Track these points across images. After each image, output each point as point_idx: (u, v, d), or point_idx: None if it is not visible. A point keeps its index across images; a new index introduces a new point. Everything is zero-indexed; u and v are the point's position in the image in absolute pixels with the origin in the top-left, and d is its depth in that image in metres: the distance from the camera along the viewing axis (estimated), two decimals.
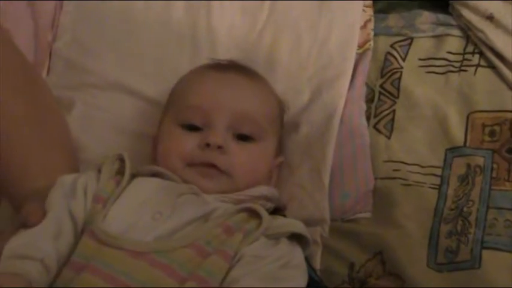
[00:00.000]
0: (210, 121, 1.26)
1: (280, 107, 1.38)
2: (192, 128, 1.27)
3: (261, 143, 1.29)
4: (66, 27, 1.52)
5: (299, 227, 1.19)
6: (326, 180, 1.36)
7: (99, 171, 1.22)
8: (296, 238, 1.18)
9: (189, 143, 1.25)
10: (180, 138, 1.27)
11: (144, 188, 1.21)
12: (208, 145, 1.24)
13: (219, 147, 1.24)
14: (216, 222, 1.15)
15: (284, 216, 1.29)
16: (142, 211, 1.16)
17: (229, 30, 1.54)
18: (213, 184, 1.23)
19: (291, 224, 1.20)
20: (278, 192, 1.31)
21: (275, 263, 1.11)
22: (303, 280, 1.14)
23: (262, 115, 1.30)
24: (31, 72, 1.37)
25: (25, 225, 1.13)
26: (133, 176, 1.23)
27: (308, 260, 1.21)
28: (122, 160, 1.23)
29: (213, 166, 1.24)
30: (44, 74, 1.48)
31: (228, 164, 1.24)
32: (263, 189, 1.27)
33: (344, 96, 1.45)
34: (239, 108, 1.28)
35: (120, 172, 1.22)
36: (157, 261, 1.09)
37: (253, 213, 1.17)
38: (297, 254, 1.17)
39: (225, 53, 1.48)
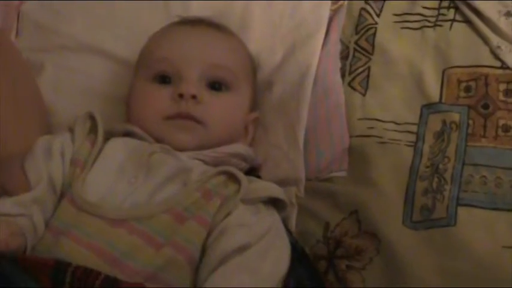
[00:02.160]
0: (180, 72, 1.26)
1: (252, 59, 1.38)
2: (164, 81, 1.27)
3: (235, 92, 1.29)
4: None
5: (276, 191, 1.20)
6: (301, 139, 1.35)
7: (72, 131, 1.22)
8: (272, 201, 1.18)
9: (162, 96, 1.25)
10: (152, 92, 1.26)
11: (118, 150, 1.21)
12: (181, 96, 1.23)
13: (193, 96, 1.23)
14: (195, 186, 1.15)
15: (259, 176, 1.29)
16: (118, 176, 1.17)
17: None
18: (190, 137, 1.23)
19: (268, 188, 1.20)
20: (254, 153, 1.31)
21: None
22: (288, 247, 1.15)
23: (233, 64, 1.30)
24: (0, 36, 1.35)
25: (4, 189, 1.13)
26: (107, 136, 1.23)
27: (284, 222, 1.21)
28: (92, 118, 1.23)
29: (188, 117, 1.23)
30: (12, 36, 1.47)
31: (204, 113, 1.24)
32: (238, 147, 1.27)
33: (318, 54, 1.44)
34: (210, 57, 1.28)
35: (93, 131, 1.22)
36: (136, 228, 1.10)
37: (231, 176, 1.17)
38: (277, 220, 1.18)
39: (198, 13, 1.46)
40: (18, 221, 1.09)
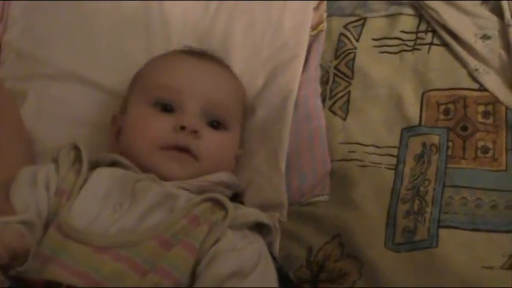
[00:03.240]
0: (184, 103, 1.26)
1: (246, 99, 1.39)
2: (164, 109, 1.27)
3: (230, 131, 1.31)
4: (16, 19, 1.50)
5: (262, 217, 1.20)
6: (283, 164, 1.36)
7: (56, 161, 1.22)
8: (257, 226, 1.20)
9: (162, 124, 1.25)
10: (152, 118, 1.26)
11: (104, 179, 1.21)
12: (183, 128, 1.23)
13: (195, 131, 1.23)
14: (182, 213, 1.15)
15: (242, 202, 1.30)
16: (103, 204, 1.17)
17: (182, 15, 1.53)
18: (181, 169, 1.23)
19: (254, 213, 1.21)
20: (237, 179, 1.32)
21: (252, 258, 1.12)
22: (274, 273, 1.16)
23: (233, 103, 1.32)
24: None
25: None
26: (93, 165, 1.23)
27: (268, 247, 1.21)
28: (76, 148, 1.23)
29: (185, 151, 1.23)
30: None
31: (201, 150, 1.24)
32: (223, 176, 1.27)
33: (298, 78, 1.45)
34: (213, 95, 1.29)
35: (78, 160, 1.22)
36: (121, 255, 1.11)
37: (217, 203, 1.17)
38: (264, 245, 1.19)
39: (179, 38, 1.48)
40: (17, 227, 1.09)
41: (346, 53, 1.52)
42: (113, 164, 1.25)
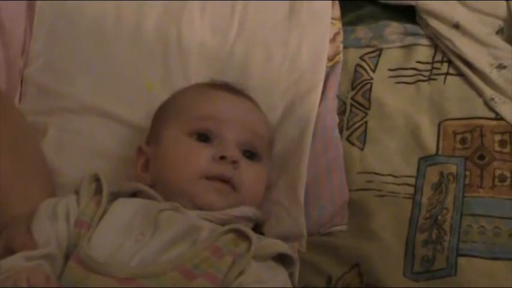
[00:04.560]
0: (223, 134, 1.27)
1: (271, 132, 1.40)
2: (202, 139, 1.28)
3: (262, 163, 1.32)
4: (37, 53, 1.51)
5: (285, 248, 1.20)
6: (301, 195, 1.37)
7: (77, 193, 1.23)
8: (279, 258, 1.20)
9: (203, 153, 1.26)
10: (192, 148, 1.27)
11: (125, 209, 1.22)
12: (223, 158, 1.24)
13: (234, 161, 1.24)
14: (204, 244, 1.15)
15: (262, 233, 1.30)
16: (125, 234, 1.17)
17: (200, 48, 1.55)
18: (222, 200, 1.24)
19: (277, 244, 1.21)
20: (258, 212, 1.32)
21: None
22: None
23: (264, 135, 1.33)
24: (4, 100, 1.38)
25: (9, 248, 1.14)
26: (114, 196, 1.24)
27: (290, 278, 1.22)
28: (98, 180, 1.24)
29: (227, 182, 1.24)
30: (16, 101, 1.48)
31: (241, 181, 1.25)
32: (246, 210, 1.27)
33: (316, 110, 1.46)
34: (249, 126, 1.30)
35: (99, 192, 1.23)
36: (144, 286, 1.11)
37: (240, 234, 1.18)
38: (287, 277, 1.20)
39: (196, 71, 1.50)
40: (42, 266, 1.10)
41: (362, 83, 1.54)
42: (135, 194, 1.26)
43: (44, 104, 1.48)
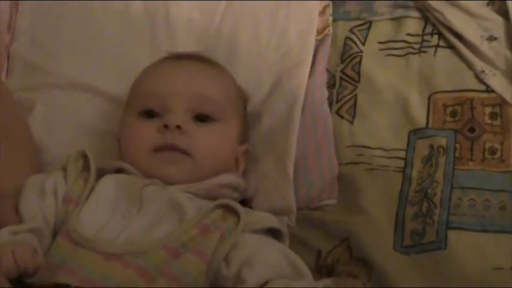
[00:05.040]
0: (167, 106, 1.27)
1: (241, 92, 1.39)
2: (151, 115, 1.28)
3: (221, 123, 1.30)
4: (23, 29, 1.52)
5: (274, 222, 1.21)
6: (290, 170, 1.36)
7: (65, 170, 1.24)
8: (269, 232, 1.20)
9: (148, 129, 1.26)
10: (139, 126, 1.28)
11: (111, 186, 1.22)
12: (166, 126, 1.24)
13: (178, 127, 1.24)
14: (192, 222, 1.15)
15: (250, 207, 1.30)
16: (112, 211, 1.18)
17: (187, 24, 1.54)
18: (178, 170, 1.24)
19: (266, 218, 1.21)
20: (244, 183, 1.32)
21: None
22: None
23: (219, 96, 1.32)
24: None
25: None
26: (100, 173, 1.24)
27: None
28: (85, 156, 1.24)
29: (174, 148, 1.24)
30: (3, 76, 1.48)
31: (189, 144, 1.25)
32: (228, 177, 1.28)
33: (304, 84, 1.45)
34: (196, 91, 1.29)
35: (86, 169, 1.24)
36: (130, 262, 1.11)
37: (228, 209, 1.18)
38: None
39: (184, 48, 1.48)
40: (28, 239, 1.11)
41: (352, 56, 1.52)
42: (118, 171, 1.26)
43: (30, 80, 1.48)
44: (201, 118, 1.29)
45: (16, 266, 1.03)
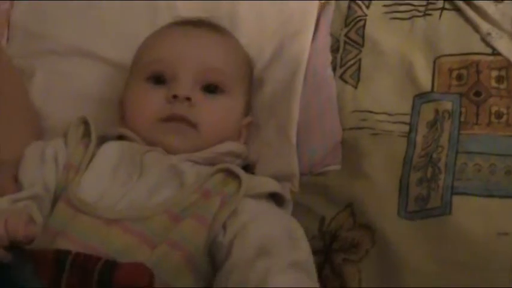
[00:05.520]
0: (176, 73, 1.25)
1: (250, 65, 1.38)
2: (158, 82, 1.26)
3: (229, 95, 1.29)
4: None
5: (276, 187, 1.20)
6: (293, 137, 1.35)
7: (65, 136, 1.24)
8: (271, 197, 1.19)
9: (156, 96, 1.25)
10: (146, 92, 1.26)
11: (112, 152, 1.22)
12: (175, 97, 1.23)
13: (187, 98, 1.23)
14: (193, 187, 1.15)
15: (253, 174, 1.29)
16: (113, 177, 1.18)
17: None
18: (182, 141, 1.23)
19: (268, 183, 1.21)
20: (247, 149, 1.31)
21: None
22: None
23: (230, 68, 1.30)
24: None
25: None
26: (101, 140, 1.24)
27: None
28: (86, 123, 1.24)
29: (182, 120, 1.23)
30: (3, 43, 1.47)
31: (197, 116, 1.24)
32: (230, 145, 1.27)
33: (307, 50, 1.43)
34: (206, 61, 1.28)
35: (86, 135, 1.23)
36: (131, 228, 1.11)
37: (230, 174, 1.17)
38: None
39: (185, 13, 1.46)
40: (24, 208, 1.11)
41: (356, 20, 1.50)
42: (120, 138, 1.25)
43: (30, 47, 1.47)
44: (210, 89, 1.27)
45: (7, 235, 1.02)
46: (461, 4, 1.48)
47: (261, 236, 1.09)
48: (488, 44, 1.44)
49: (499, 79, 1.39)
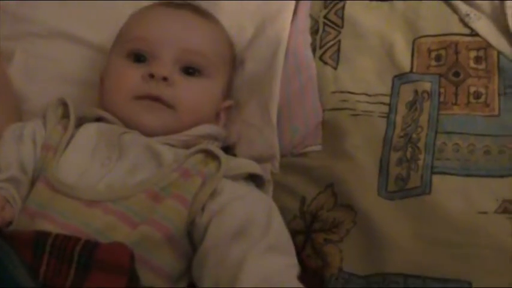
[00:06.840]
0: (156, 53, 1.25)
1: (232, 49, 1.38)
2: (138, 60, 1.26)
3: (209, 79, 1.29)
4: None
5: (255, 168, 1.20)
6: (274, 116, 1.35)
7: (44, 117, 1.23)
8: (251, 178, 1.19)
9: (133, 74, 1.24)
10: (124, 69, 1.26)
11: (91, 134, 1.22)
12: (152, 76, 1.22)
13: (164, 78, 1.23)
14: (172, 167, 1.15)
15: (234, 155, 1.30)
16: (92, 158, 1.18)
17: None
18: (157, 119, 1.23)
19: (247, 164, 1.21)
20: (225, 132, 1.31)
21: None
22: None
23: (211, 51, 1.30)
24: None
25: None
26: (79, 121, 1.24)
27: None
28: (64, 104, 1.23)
29: (157, 99, 1.22)
30: None
31: (173, 96, 1.23)
32: (207, 128, 1.27)
33: (287, 29, 1.43)
34: (188, 42, 1.27)
35: (65, 116, 1.23)
36: (111, 208, 1.11)
37: (209, 154, 1.17)
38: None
39: None
40: (3, 190, 1.10)
41: (335, 1, 1.50)
42: (99, 119, 1.25)
43: (10, 28, 1.46)
44: (189, 71, 1.27)
45: None
46: None
47: (239, 218, 1.09)
48: (466, 25, 1.44)
49: (478, 60, 1.40)
